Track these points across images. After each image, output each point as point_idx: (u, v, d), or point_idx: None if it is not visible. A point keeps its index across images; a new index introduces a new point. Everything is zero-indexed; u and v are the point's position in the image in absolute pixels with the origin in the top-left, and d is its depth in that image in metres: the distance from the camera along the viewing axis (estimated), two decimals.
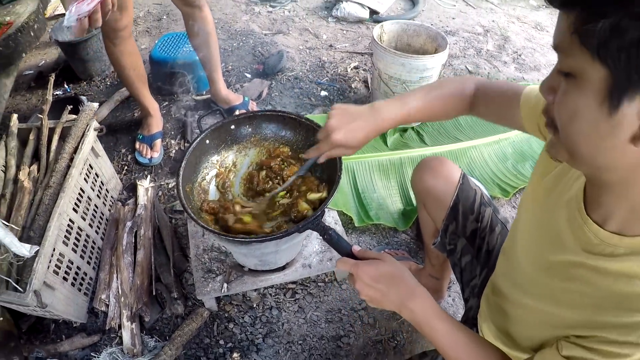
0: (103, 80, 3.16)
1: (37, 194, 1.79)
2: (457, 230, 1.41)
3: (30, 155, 1.95)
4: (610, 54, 0.57)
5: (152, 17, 3.93)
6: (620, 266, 0.75)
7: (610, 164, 0.69)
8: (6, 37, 1.67)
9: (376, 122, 1.17)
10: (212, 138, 1.56)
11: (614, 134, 0.63)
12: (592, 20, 0.57)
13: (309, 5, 4.19)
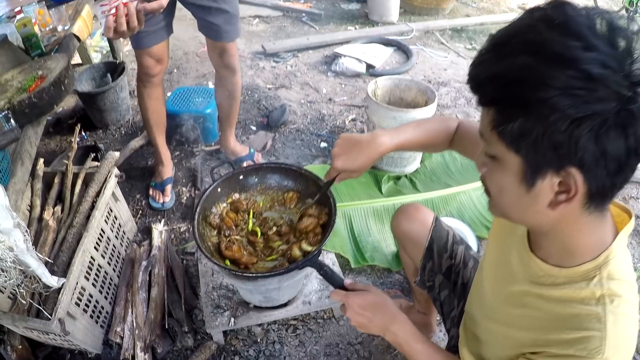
0: (118, 129, 3.37)
1: (61, 233, 1.97)
2: (434, 267, 1.58)
3: (54, 197, 2.14)
4: (521, 147, 0.76)
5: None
6: (560, 293, 0.91)
7: (536, 223, 0.89)
8: (40, 90, 1.85)
9: (374, 148, 1.34)
10: (223, 187, 1.76)
11: (534, 203, 0.82)
12: (505, 121, 0.76)
13: (310, 61, 4.44)
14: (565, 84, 0.68)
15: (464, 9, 6.10)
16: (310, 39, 4.72)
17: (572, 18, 0.71)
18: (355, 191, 2.78)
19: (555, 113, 0.69)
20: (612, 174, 0.74)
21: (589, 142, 0.70)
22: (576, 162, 0.72)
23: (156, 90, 2.55)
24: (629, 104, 0.68)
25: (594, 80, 0.67)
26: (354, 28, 5.24)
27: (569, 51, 0.68)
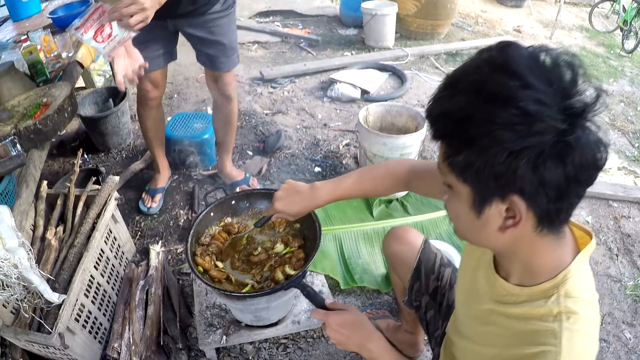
0: (119, 153, 3.48)
1: (62, 252, 2.06)
2: (421, 288, 1.66)
3: (57, 218, 2.24)
4: (467, 177, 0.85)
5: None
6: (521, 310, 0.98)
7: (492, 246, 0.98)
8: (45, 117, 1.95)
9: (311, 200, 1.48)
10: (216, 211, 1.88)
11: (485, 228, 0.90)
12: (453, 154, 0.85)
13: (307, 86, 4.56)
14: (504, 120, 0.76)
15: (459, 32, 6.29)
16: (308, 65, 4.86)
17: (512, 59, 0.78)
18: (347, 215, 2.86)
19: (495, 146, 0.77)
20: (554, 200, 0.82)
21: (527, 172, 0.77)
22: (517, 190, 0.81)
23: (155, 112, 2.70)
24: (565, 136, 0.76)
25: (530, 116, 0.75)
26: (351, 53, 5.38)
27: (507, 90, 0.76)
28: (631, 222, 3.06)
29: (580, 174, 0.79)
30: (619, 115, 4.54)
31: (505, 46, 0.82)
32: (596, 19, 7.71)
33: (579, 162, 0.78)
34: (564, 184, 0.80)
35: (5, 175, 1.68)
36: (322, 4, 6.85)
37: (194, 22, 2.33)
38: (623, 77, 5.56)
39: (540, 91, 0.76)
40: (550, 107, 0.75)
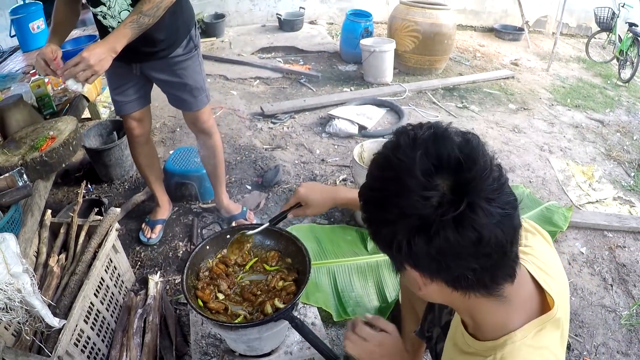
0: (122, 184, 3.57)
1: (64, 279, 2.13)
2: (434, 319, 1.72)
3: (59, 246, 2.31)
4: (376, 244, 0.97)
5: (167, 128, 4.40)
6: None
7: (429, 300, 1.07)
8: (51, 149, 2.05)
9: (333, 193, 1.57)
10: (212, 245, 1.94)
11: (413, 286, 0.99)
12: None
13: (306, 122, 4.65)
14: (386, 204, 0.89)
15: (457, 67, 6.41)
16: (307, 101, 4.97)
17: (394, 155, 0.90)
18: (341, 249, 2.91)
19: (382, 226, 0.91)
20: (437, 271, 0.90)
21: (403, 246, 0.86)
22: (405, 261, 0.91)
23: (145, 148, 2.82)
24: (428, 219, 0.83)
25: (403, 203, 0.85)
26: (350, 89, 5.48)
27: (387, 181, 0.89)
28: (626, 251, 3.12)
29: (451, 250, 0.84)
30: (615, 145, 4.63)
31: (394, 141, 0.93)
32: (593, 49, 7.88)
33: (444, 240, 0.83)
34: (436, 258, 0.86)
35: (12, 204, 1.76)
36: (323, 41, 6.98)
37: (158, 66, 2.45)
38: (620, 107, 5.67)
39: (417, 182, 0.84)
40: (422, 198, 0.83)
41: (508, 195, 0.87)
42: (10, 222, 1.71)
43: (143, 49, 2.32)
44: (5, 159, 2.04)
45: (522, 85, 6.01)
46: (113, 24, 2.21)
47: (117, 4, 2.15)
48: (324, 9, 8.01)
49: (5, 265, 1.56)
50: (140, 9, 2.05)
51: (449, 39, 5.87)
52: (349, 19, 6.21)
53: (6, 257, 1.56)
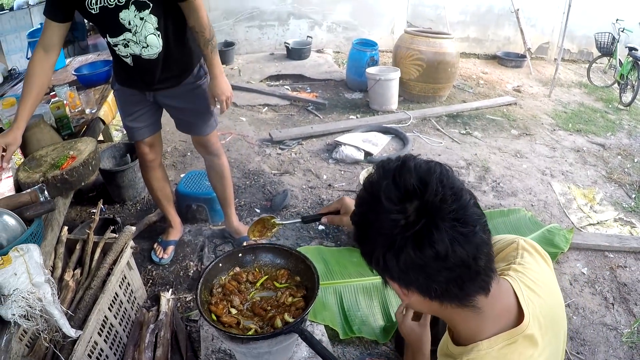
0: (134, 205, 3.67)
1: (78, 293, 2.21)
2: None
3: (74, 261, 2.39)
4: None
5: (178, 152, 4.52)
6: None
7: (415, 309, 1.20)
8: (71, 168, 2.14)
9: None
10: (224, 262, 2.01)
11: (399, 297, 1.09)
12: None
13: (313, 148, 4.75)
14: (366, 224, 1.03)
15: (460, 94, 6.53)
16: (314, 128, 5.09)
17: (367, 186, 1.05)
18: (347, 270, 2.97)
19: (365, 244, 1.05)
20: (408, 283, 1.01)
21: (380, 260, 0.99)
22: (388, 274, 1.03)
23: (156, 172, 2.92)
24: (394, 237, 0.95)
25: (366, 220, 1.02)
26: (356, 117, 5.60)
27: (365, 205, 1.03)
28: (627, 271, 3.17)
29: (415, 265, 0.95)
30: (616, 168, 4.70)
31: (374, 175, 1.04)
32: (594, 74, 7.99)
33: (406, 257, 0.94)
34: (404, 271, 0.98)
35: (35, 218, 1.85)
36: (330, 69, 7.11)
37: (171, 93, 2.57)
38: (621, 130, 5.76)
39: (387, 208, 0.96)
40: (378, 211, 0.98)
41: (471, 215, 0.96)
42: (33, 234, 1.79)
43: (158, 78, 2.45)
44: (27, 175, 2.14)
45: (525, 111, 6.11)
46: (136, 51, 2.32)
47: (145, 28, 2.25)
48: (330, 38, 8.20)
49: (28, 274, 1.64)
50: (205, 39, 2.37)
51: (452, 67, 5.98)
52: (355, 48, 6.35)
53: (29, 266, 1.65)
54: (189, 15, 2.32)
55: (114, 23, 2.23)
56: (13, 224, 1.79)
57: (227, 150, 4.63)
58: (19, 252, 1.64)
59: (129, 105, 2.63)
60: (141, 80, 2.47)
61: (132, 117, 2.66)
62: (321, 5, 7.93)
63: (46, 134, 2.51)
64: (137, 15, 2.21)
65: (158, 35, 2.30)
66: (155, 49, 2.33)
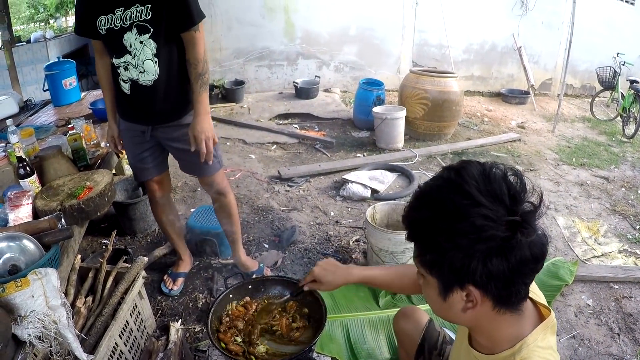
0: (145, 237, 3.75)
1: (90, 320, 2.26)
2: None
3: (87, 289, 2.45)
4: (434, 271, 1.10)
5: (189, 187, 4.61)
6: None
7: (459, 322, 1.21)
8: (88, 198, 2.23)
9: (347, 273, 1.73)
10: (234, 293, 2.07)
11: (451, 309, 1.13)
12: (422, 253, 1.10)
13: (321, 186, 4.82)
14: (459, 230, 0.99)
15: (465, 132, 6.62)
16: (322, 166, 5.18)
17: (465, 181, 1.01)
18: (354, 304, 2.99)
19: (453, 250, 1.00)
20: (503, 288, 1.03)
21: (478, 268, 0.99)
22: (472, 281, 1.03)
23: (166, 207, 3.00)
24: (508, 240, 0.97)
25: (477, 228, 0.97)
26: (363, 155, 5.68)
27: (461, 208, 0.99)
28: (633, 301, 3.18)
29: (521, 267, 1.00)
30: (620, 200, 4.74)
31: (460, 168, 1.05)
32: (597, 108, 8.08)
33: (519, 258, 0.99)
34: (508, 275, 1.01)
35: (53, 244, 1.94)
36: (337, 108, 7.24)
37: (171, 135, 2.63)
38: (624, 163, 5.82)
39: (487, 207, 0.98)
40: (494, 221, 0.97)
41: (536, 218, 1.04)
42: (50, 259, 1.87)
43: (155, 110, 2.51)
44: (45, 203, 2.24)
45: (529, 147, 6.19)
46: (134, 76, 2.40)
47: (143, 52, 2.34)
48: (338, 77, 8.39)
49: (44, 297, 1.71)
50: (197, 72, 2.42)
51: (457, 105, 6.09)
52: (362, 87, 6.50)
53: (46, 290, 1.72)
54: (187, 46, 2.41)
55: (119, 44, 2.33)
56: (32, 248, 1.87)
57: (236, 187, 4.72)
58: (37, 275, 1.72)
59: (132, 146, 2.69)
60: (139, 111, 2.53)
61: (138, 158, 2.72)
62: (329, 45, 8.15)
63: (63, 165, 2.62)
64: (137, 39, 2.31)
65: (155, 62, 2.37)
66: (150, 76, 2.39)
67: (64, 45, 8.26)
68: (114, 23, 2.29)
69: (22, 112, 4.43)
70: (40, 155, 2.60)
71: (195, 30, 2.35)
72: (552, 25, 8.71)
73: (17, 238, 1.88)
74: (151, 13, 2.27)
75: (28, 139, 2.84)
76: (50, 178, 2.52)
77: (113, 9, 2.27)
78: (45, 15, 17.11)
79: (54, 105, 4.45)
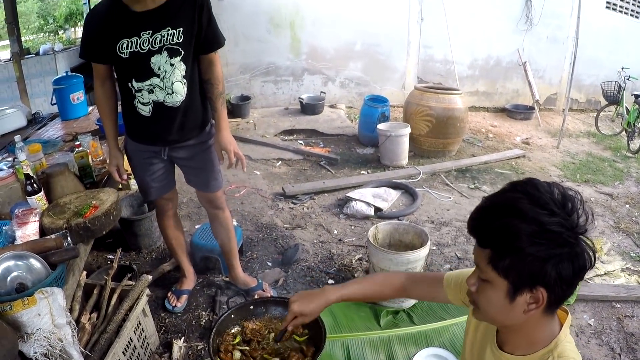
0: (149, 253, 3.78)
1: (94, 336, 2.29)
2: None
3: (91, 305, 2.48)
4: (509, 275, 1.16)
5: (194, 204, 4.64)
6: None
7: (511, 324, 1.27)
8: (94, 217, 2.28)
9: (323, 298, 1.75)
10: (236, 314, 2.10)
11: (513, 311, 1.20)
12: (499, 258, 1.16)
13: (325, 203, 4.85)
14: (539, 237, 1.09)
15: (470, 148, 6.66)
16: (326, 183, 5.21)
17: (542, 194, 1.13)
18: (355, 323, 3.00)
19: (532, 255, 1.09)
20: (565, 290, 1.15)
21: (551, 271, 1.10)
22: (543, 284, 1.13)
23: (172, 221, 3.06)
24: (575, 247, 1.10)
25: (555, 234, 1.09)
26: (367, 172, 5.71)
27: (539, 217, 1.09)
28: (635, 321, 3.18)
29: (580, 272, 1.13)
30: (624, 217, 4.75)
31: (534, 184, 1.17)
32: (602, 122, 8.13)
33: (582, 264, 1.11)
34: (572, 279, 1.13)
35: (60, 263, 1.98)
36: (342, 124, 7.27)
37: (185, 152, 2.68)
38: (629, 179, 5.84)
39: (561, 217, 1.10)
40: (568, 229, 1.10)
41: None
42: (57, 278, 1.92)
43: (176, 129, 2.55)
44: (51, 221, 2.28)
45: (533, 164, 6.22)
46: (160, 97, 2.41)
47: (174, 75, 2.37)
48: (343, 93, 8.44)
49: (50, 315, 1.75)
50: (218, 91, 2.54)
51: (461, 122, 6.13)
52: (366, 104, 6.55)
53: (52, 308, 1.76)
54: (207, 67, 2.48)
55: (144, 67, 2.33)
56: (38, 267, 1.92)
57: (241, 204, 4.76)
58: (43, 294, 1.76)
59: (146, 166, 2.72)
60: (160, 132, 2.55)
61: (150, 178, 2.76)
62: (334, 61, 8.21)
63: (70, 182, 2.66)
64: (168, 61, 2.33)
65: (184, 83, 2.41)
66: (179, 97, 2.43)
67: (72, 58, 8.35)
68: (139, 46, 2.29)
69: (30, 125, 4.48)
70: (48, 172, 2.65)
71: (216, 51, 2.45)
72: (557, 39, 8.77)
73: (24, 257, 1.93)
74: (183, 36, 2.32)
75: (35, 154, 2.88)
76: (57, 195, 2.56)
77: (139, 32, 2.27)
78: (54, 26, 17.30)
79: (61, 119, 4.48)
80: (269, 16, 7.72)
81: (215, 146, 2.66)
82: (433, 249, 3.95)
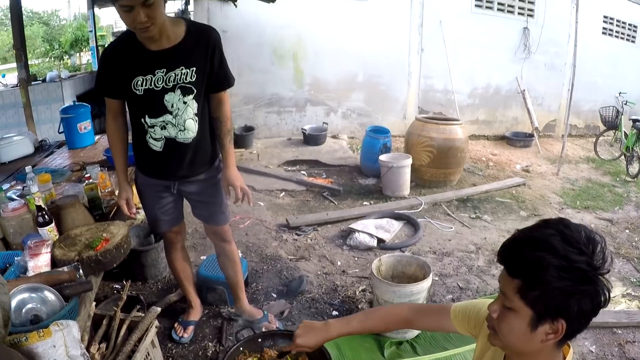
0: (156, 284, 3.82)
1: None
2: None
3: (100, 336, 2.51)
4: (535, 305, 1.22)
5: (199, 234, 4.69)
6: None
7: (527, 351, 1.33)
8: (105, 250, 2.34)
9: (325, 333, 1.82)
10: (245, 346, 2.16)
11: (532, 340, 1.26)
12: (528, 289, 1.22)
13: (328, 234, 4.90)
14: (568, 273, 1.15)
15: (471, 177, 6.73)
16: (330, 214, 5.26)
17: (573, 233, 1.20)
18: (359, 354, 3.02)
19: (559, 289, 1.16)
20: (582, 324, 1.21)
21: (574, 306, 1.16)
22: (564, 316, 1.19)
23: (180, 253, 3.12)
24: (596, 286, 1.16)
25: (581, 272, 1.15)
26: (369, 203, 5.76)
27: (569, 255, 1.16)
28: (636, 346, 3.19)
29: (596, 309, 1.19)
30: (624, 243, 4.79)
31: (569, 223, 1.24)
32: (601, 147, 8.22)
33: (600, 301, 1.17)
34: (590, 315, 1.19)
35: (73, 296, 2.04)
36: (344, 155, 7.36)
37: (194, 187, 2.75)
38: (629, 203, 5.89)
39: (589, 257, 1.17)
40: (592, 269, 1.16)
41: None
42: (70, 310, 1.97)
43: (187, 164, 2.62)
44: (63, 253, 2.34)
45: (533, 192, 6.28)
46: (172, 134, 2.48)
47: (186, 112, 2.45)
48: (345, 124, 8.56)
49: (65, 347, 1.80)
50: (227, 128, 2.63)
51: (462, 152, 6.22)
52: (369, 135, 6.65)
53: (67, 340, 1.81)
54: (217, 105, 2.58)
55: (158, 104, 2.41)
56: (53, 299, 1.98)
57: (245, 235, 4.81)
58: (59, 326, 1.81)
59: (156, 200, 2.79)
60: (168, 168, 2.62)
61: (160, 211, 2.82)
62: (336, 92, 8.35)
63: (80, 214, 2.72)
64: (180, 99, 2.41)
65: (195, 120, 2.49)
66: (191, 134, 2.50)
67: (78, 86, 8.50)
68: (154, 84, 2.36)
69: (37, 153, 4.54)
70: (59, 204, 2.71)
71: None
72: (554, 66, 8.95)
73: (39, 289, 1.98)
74: (196, 75, 2.40)
75: (45, 185, 2.94)
76: (68, 227, 2.62)
77: (153, 70, 2.34)
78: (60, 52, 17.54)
79: (68, 148, 4.54)
80: (273, 48, 7.88)
81: (223, 182, 2.73)
82: (435, 279, 3.99)
